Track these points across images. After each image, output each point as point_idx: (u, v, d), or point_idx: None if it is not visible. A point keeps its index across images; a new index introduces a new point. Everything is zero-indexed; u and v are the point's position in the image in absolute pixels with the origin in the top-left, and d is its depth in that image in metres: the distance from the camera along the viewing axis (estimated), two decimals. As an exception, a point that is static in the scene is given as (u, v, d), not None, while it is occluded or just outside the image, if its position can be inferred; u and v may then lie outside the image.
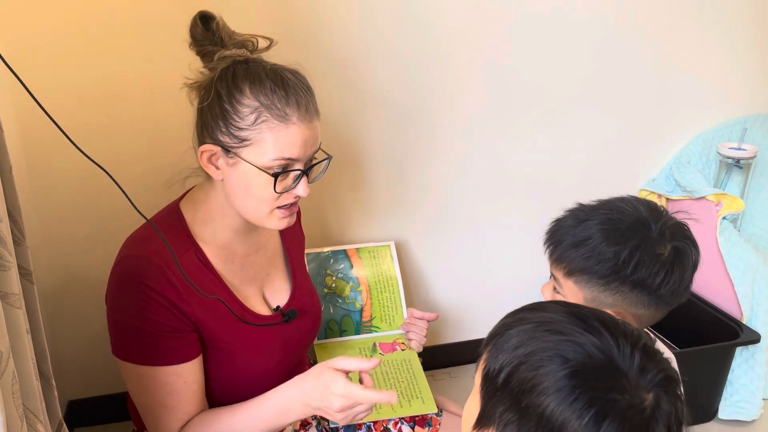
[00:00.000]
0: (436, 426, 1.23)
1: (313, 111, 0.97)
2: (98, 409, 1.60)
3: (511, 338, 0.62)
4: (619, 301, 0.93)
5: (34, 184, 1.39)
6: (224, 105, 0.93)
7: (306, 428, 1.20)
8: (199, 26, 0.97)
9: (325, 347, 1.37)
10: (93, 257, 1.45)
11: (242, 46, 0.98)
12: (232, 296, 1.05)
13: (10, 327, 0.67)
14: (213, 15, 0.97)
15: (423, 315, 1.38)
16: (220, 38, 0.97)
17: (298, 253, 1.23)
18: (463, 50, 1.52)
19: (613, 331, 0.59)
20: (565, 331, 0.59)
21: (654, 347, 0.60)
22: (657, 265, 0.91)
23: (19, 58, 0.84)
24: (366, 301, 1.44)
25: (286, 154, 0.94)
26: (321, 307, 1.26)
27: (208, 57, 0.98)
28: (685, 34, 1.67)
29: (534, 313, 0.64)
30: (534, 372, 0.57)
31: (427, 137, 1.58)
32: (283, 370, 1.14)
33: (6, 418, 0.61)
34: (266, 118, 0.92)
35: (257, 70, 0.94)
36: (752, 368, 1.62)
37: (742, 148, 1.73)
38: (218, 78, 0.95)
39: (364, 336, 1.41)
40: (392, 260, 1.50)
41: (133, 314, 0.97)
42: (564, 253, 0.96)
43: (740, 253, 1.59)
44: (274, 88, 0.93)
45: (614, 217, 0.95)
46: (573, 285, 0.96)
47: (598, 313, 0.62)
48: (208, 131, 0.96)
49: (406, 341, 1.38)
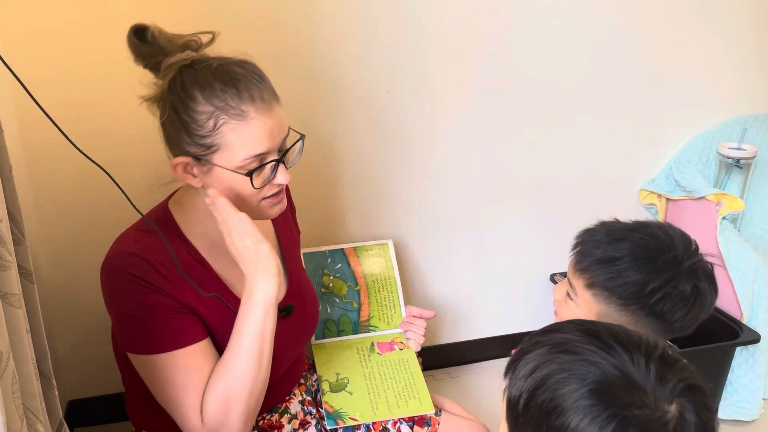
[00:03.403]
0: (435, 426, 1.23)
1: (271, 98, 0.94)
2: (98, 409, 1.60)
3: (528, 363, 0.62)
4: (632, 323, 0.95)
5: (34, 184, 1.39)
6: (182, 117, 0.92)
7: (305, 427, 1.20)
8: (135, 41, 0.95)
9: (323, 347, 1.37)
10: (93, 257, 1.44)
11: (186, 47, 0.96)
12: (229, 292, 1.05)
13: (10, 327, 0.68)
14: (146, 26, 0.94)
15: (421, 313, 1.38)
16: (160, 47, 0.95)
17: (294, 249, 1.22)
18: (464, 49, 1.52)
19: (627, 346, 0.58)
20: (579, 351, 0.59)
21: (673, 355, 0.60)
22: (681, 302, 0.93)
23: (18, 59, 0.84)
24: (364, 301, 1.44)
25: (255, 150, 0.92)
26: (318, 302, 1.26)
27: (155, 68, 0.96)
28: (685, 34, 1.67)
29: (548, 335, 0.64)
30: (552, 394, 0.57)
31: (426, 137, 1.58)
32: (280, 366, 1.14)
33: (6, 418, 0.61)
34: (225, 120, 0.90)
35: (204, 74, 0.92)
36: (752, 368, 1.62)
37: (742, 148, 1.73)
38: (168, 90, 0.93)
39: (362, 335, 1.41)
40: (391, 259, 1.50)
41: (131, 306, 0.96)
42: (590, 266, 0.98)
43: (740, 253, 1.59)
44: (224, 88, 0.91)
45: (650, 244, 0.96)
46: (590, 297, 0.98)
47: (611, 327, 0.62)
48: (175, 144, 0.95)
49: (404, 340, 1.38)
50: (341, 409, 1.20)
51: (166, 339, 0.97)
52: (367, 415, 1.19)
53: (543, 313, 1.84)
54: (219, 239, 1.05)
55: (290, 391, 1.22)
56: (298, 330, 1.16)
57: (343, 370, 1.30)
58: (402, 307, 1.44)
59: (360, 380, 1.27)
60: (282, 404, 1.20)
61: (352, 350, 1.37)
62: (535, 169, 1.69)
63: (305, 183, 1.51)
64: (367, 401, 1.22)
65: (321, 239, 1.59)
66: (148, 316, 0.96)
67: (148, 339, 0.97)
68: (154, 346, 0.97)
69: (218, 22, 1.35)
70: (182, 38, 0.96)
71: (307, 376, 1.30)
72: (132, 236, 1.02)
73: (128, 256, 0.97)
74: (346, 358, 1.34)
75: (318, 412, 1.25)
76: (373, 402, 1.22)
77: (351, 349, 1.37)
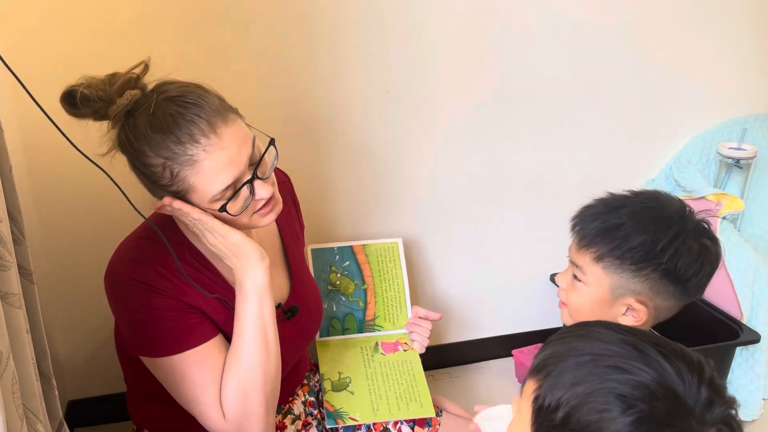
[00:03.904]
0: (435, 426, 1.23)
1: (217, 125, 0.88)
2: (98, 409, 1.60)
3: (566, 372, 0.59)
4: (647, 289, 0.94)
5: (34, 184, 1.39)
6: (142, 170, 0.91)
7: (307, 428, 1.20)
8: (70, 109, 0.90)
9: (327, 345, 1.37)
10: (93, 257, 1.45)
11: (124, 88, 0.91)
12: (234, 293, 1.05)
13: (10, 327, 0.68)
14: (73, 90, 0.89)
15: (428, 314, 1.38)
16: (97, 100, 0.90)
17: (297, 249, 1.22)
18: (465, 50, 1.52)
19: (675, 362, 0.56)
20: (627, 368, 0.56)
21: (720, 382, 0.58)
22: (692, 256, 0.92)
23: (18, 59, 0.84)
24: (370, 300, 1.44)
25: (221, 185, 0.89)
26: (322, 302, 1.26)
27: (104, 117, 0.92)
28: (685, 35, 1.67)
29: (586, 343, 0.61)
30: (597, 415, 0.55)
31: (429, 137, 1.58)
32: (285, 367, 1.14)
33: (6, 418, 0.61)
34: (179, 168, 0.88)
35: (143, 126, 0.88)
36: (752, 368, 1.61)
37: (742, 148, 1.73)
38: (119, 146, 0.92)
39: (366, 335, 1.41)
40: (399, 258, 1.48)
41: (139, 311, 0.96)
42: (594, 238, 0.96)
43: (740, 253, 1.59)
44: (164, 138, 0.87)
45: (650, 205, 0.95)
46: (601, 271, 0.96)
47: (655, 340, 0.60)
48: (151, 190, 0.94)
49: (409, 342, 1.38)
50: (342, 408, 1.20)
51: (177, 340, 0.97)
52: (367, 416, 1.19)
53: (543, 313, 1.84)
54: None
55: (294, 392, 1.22)
56: (302, 331, 1.16)
57: (346, 369, 1.30)
58: (408, 307, 1.44)
59: (362, 380, 1.27)
60: (285, 405, 1.20)
61: (356, 349, 1.36)
62: (536, 169, 1.69)
63: (313, 180, 1.51)
64: (368, 402, 1.22)
65: (330, 236, 1.58)
66: (156, 319, 0.96)
67: (160, 342, 0.97)
68: (167, 348, 0.97)
69: (218, 21, 1.35)
70: (115, 81, 0.91)
71: (310, 376, 1.30)
72: (133, 243, 1.02)
73: (130, 263, 0.97)
74: (350, 357, 1.33)
75: (319, 413, 1.25)
76: (374, 403, 1.22)
77: (355, 348, 1.37)
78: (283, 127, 1.47)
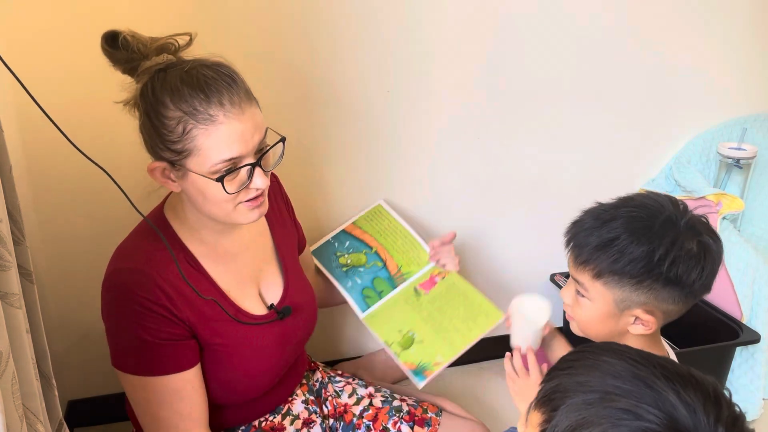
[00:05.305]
0: (435, 426, 1.23)
1: (243, 100, 0.92)
2: (98, 409, 1.60)
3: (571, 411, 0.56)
4: (651, 299, 0.93)
5: (34, 184, 1.39)
6: (153, 122, 0.92)
7: (310, 426, 1.20)
8: (107, 47, 0.94)
9: (373, 315, 1.34)
10: (93, 257, 1.44)
11: (162, 51, 0.95)
12: (225, 297, 1.06)
13: (10, 327, 0.68)
14: (117, 32, 0.93)
15: (442, 240, 1.39)
16: (136, 50, 0.94)
17: (290, 249, 1.22)
18: (465, 50, 1.52)
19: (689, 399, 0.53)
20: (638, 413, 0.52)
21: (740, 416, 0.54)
22: (691, 260, 0.91)
23: (18, 59, 0.84)
24: (386, 257, 1.41)
25: (227, 154, 0.91)
26: (317, 302, 1.25)
27: (132, 72, 0.95)
28: (685, 34, 1.67)
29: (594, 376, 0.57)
30: None
31: (429, 136, 1.58)
32: (281, 368, 1.14)
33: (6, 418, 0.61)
34: (193, 125, 0.89)
35: (173, 79, 0.91)
36: (752, 368, 1.61)
37: (742, 148, 1.73)
38: (141, 96, 0.93)
39: (401, 287, 1.38)
40: (389, 213, 1.46)
41: (134, 328, 0.97)
42: (590, 256, 0.95)
43: (740, 253, 1.59)
44: (192, 93, 0.89)
45: (640, 214, 0.93)
46: (602, 287, 0.95)
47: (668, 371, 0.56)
48: (151, 149, 0.95)
49: (441, 270, 1.36)
50: (421, 361, 1.18)
51: (165, 363, 0.98)
52: (448, 353, 1.17)
53: (543, 313, 1.84)
54: (215, 243, 1.06)
55: (293, 392, 1.23)
56: (298, 330, 1.16)
57: (403, 324, 1.27)
58: (422, 244, 1.42)
59: (423, 326, 1.24)
60: (285, 405, 1.20)
61: (400, 303, 1.33)
62: (535, 169, 1.69)
63: (313, 180, 1.51)
64: (441, 341, 1.20)
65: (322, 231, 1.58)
66: (150, 340, 0.97)
67: (147, 362, 0.98)
68: (153, 369, 0.98)
69: (217, 20, 1.35)
70: (158, 41, 0.95)
71: (309, 375, 1.30)
72: (133, 245, 1.02)
73: (133, 273, 0.97)
74: (400, 313, 1.31)
75: (322, 411, 1.25)
76: (446, 339, 1.19)
77: (398, 303, 1.34)
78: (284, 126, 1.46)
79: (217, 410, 1.09)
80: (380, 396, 1.28)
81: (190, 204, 1.01)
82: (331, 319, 1.67)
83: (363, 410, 1.26)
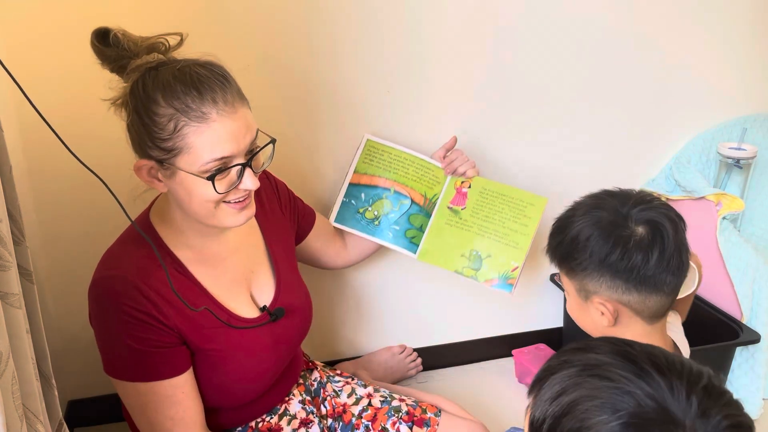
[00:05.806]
0: (434, 426, 1.23)
1: (235, 100, 0.92)
2: (98, 409, 1.60)
3: (554, 384, 0.57)
4: (602, 289, 0.95)
5: (34, 184, 1.39)
6: (143, 120, 0.91)
7: (308, 426, 1.20)
8: (97, 44, 0.93)
9: (428, 253, 1.34)
10: (93, 257, 1.43)
11: (152, 50, 0.95)
12: (216, 302, 1.05)
13: (10, 327, 0.68)
14: (108, 29, 0.93)
15: (446, 146, 1.40)
16: (126, 49, 0.93)
17: (284, 246, 1.20)
18: (465, 50, 1.52)
19: (667, 373, 0.53)
20: (613, 377, 0.54)
21: (719, 387, 0.55)
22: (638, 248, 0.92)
23: (17, 60, 0.84)
24: (407, 191, 1.40)
25: (218, 153, 0.90)
26: (311, 302, 1.25)
27: (121, 71, 0.95)
28: (685, 34, 1.67)
29: (579, 355, 0.59)
30: (579, 424, 0.53)
31: (427, 136, 1.58)
32: (276, 369, 1.14)
33: (6, 418, 0.61)
34: (185, 123, 0.89)
35: (165, 76, 0.90)
36: (752, 368, 1.61)
37: (742, 148, 1.73)
38: (130, 93, 0.92)
39: (436, 211, 1.38)
40: (384, 146, 1.44)
41: (122, 336, 0.97)
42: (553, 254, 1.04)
43: (740, 253, 1.59)
44: (185, 90, 0.89)
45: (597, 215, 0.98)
46: (565, 277, 1.03)
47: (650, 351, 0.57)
48: (139, 148, 0.94)
49: (463, 179, 1.37)
50: (499, 273, 1.19)
51: (155, 369, 0.98)
52: (518, 255, 1.19)
53: (543, 314, 1.84)
54: (201, 247, 1.05)
55: (289, 392, 1.22)
56: (292, 331, 1.15)
57: (462, 247, 1.28)
58: (432, 162, 1.41)
59: (482, 241, 1.25)
60: (281, 405, 1.20)
61: (445, 228, 1.33)
62: (536, 170, 1.69)
63: (313, 180, 1.51)
64: (506, 247, 1.22)
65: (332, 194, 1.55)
66: (138, 348, 0.97)
67: (137, 368, 0.98)
68: (144, 375, 0.98)
69: (216, 20, 1.35)
70: (148, 40, 0.95)
71: (306, 375, 1.29)
72: (119, 252, 1.01)
73: (119, 281, 0.96)
74: (450, 238, 1.32)
75: (320, 411, 1.25)
76: (509, 243, 1.21)
77: (443, 230, 1.33)
78: (285, 127, 1.47)
79: (212, 413, 1.08)
80: (379, 396, 1.28)
81: (176, 205, 1.00)
82: (330, 319, 1.67)
83: (362, 410, 1.26)
